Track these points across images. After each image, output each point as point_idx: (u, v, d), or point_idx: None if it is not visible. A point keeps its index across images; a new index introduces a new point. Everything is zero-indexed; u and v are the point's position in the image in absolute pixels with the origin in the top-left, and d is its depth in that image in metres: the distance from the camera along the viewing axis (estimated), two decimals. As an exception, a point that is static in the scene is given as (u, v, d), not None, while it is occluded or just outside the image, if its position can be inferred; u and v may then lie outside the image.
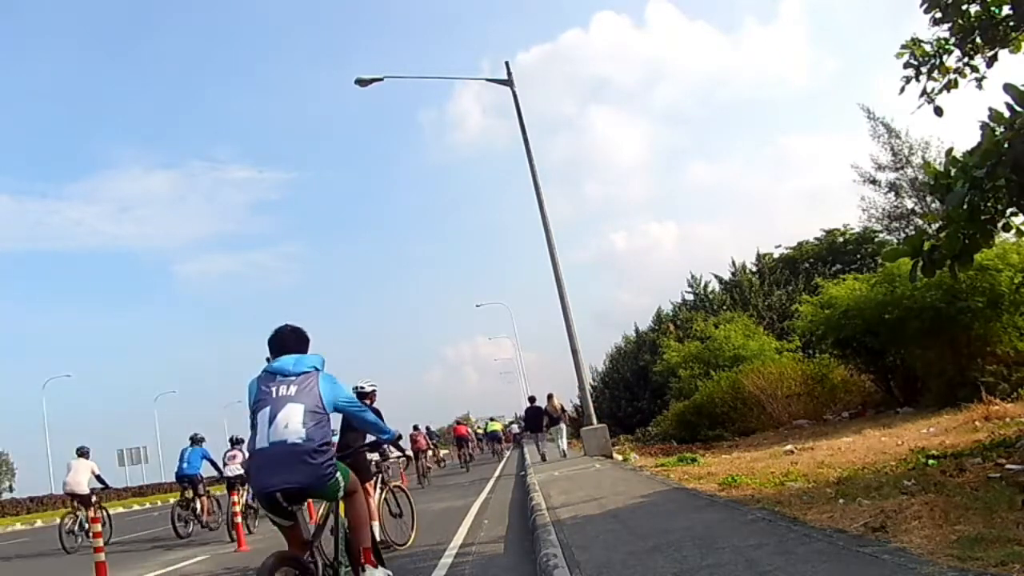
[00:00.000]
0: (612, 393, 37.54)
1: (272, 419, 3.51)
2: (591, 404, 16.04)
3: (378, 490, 7.15)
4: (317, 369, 3.77)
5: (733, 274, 35.53)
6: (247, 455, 7.53)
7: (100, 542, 7.23)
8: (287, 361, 3.73)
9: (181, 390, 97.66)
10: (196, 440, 12.13)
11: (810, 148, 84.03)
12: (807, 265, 33.30)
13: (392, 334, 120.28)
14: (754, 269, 35.69)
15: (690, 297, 37.22)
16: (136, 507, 31.92)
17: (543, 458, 18.00)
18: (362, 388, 6.80)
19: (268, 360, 3.86)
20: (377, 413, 6.00)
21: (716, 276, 36.74)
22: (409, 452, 13.12)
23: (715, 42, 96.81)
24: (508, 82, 16.83)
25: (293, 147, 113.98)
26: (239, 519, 9.54)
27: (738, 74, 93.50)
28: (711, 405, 19.21)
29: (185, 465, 11.83)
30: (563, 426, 19.01)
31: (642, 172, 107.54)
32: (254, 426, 3.62)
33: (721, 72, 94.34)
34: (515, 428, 40.09)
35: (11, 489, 51.66)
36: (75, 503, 11.69)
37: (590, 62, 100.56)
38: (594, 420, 15.66)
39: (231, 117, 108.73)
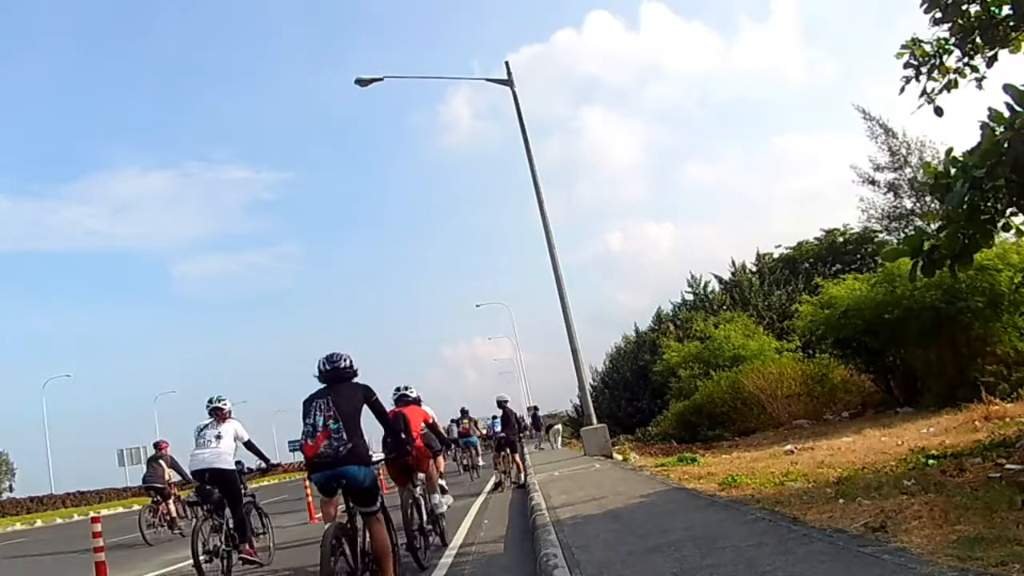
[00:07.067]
0: (612, 393, 37.48)
1: None
2: (591, 404, 16.03)
3: None
4: None
5: (733, 274, 35.48)
6: None
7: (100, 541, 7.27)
8: None
9: (181, 390, 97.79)
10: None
11: (807, 148, 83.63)
12: (807, 265, 33.21)
13: (391, 334, 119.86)
14: (754, 269, 35.61)
15: (690, 297, 37.16)
16: (136, 507, 31.89)
17: (540, 449, 24.88)
18: None
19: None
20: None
21: (716, 276, 36.68)
22: None
23: (710, 42, 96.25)
24: (508, 82, 16.80)
25: (290, 147, 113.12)
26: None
27: (733, 74, 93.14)
28: (711, 405, 19.20)
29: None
30: (559, 427, 26.66)
31: (638, 173, 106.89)
32: None
33: (716, 72, 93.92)
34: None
35: (11, 489, 51.47)
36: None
37: (583, 62, 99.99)
38: (594, 420, 15.63)
39: (227, 117, 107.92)
